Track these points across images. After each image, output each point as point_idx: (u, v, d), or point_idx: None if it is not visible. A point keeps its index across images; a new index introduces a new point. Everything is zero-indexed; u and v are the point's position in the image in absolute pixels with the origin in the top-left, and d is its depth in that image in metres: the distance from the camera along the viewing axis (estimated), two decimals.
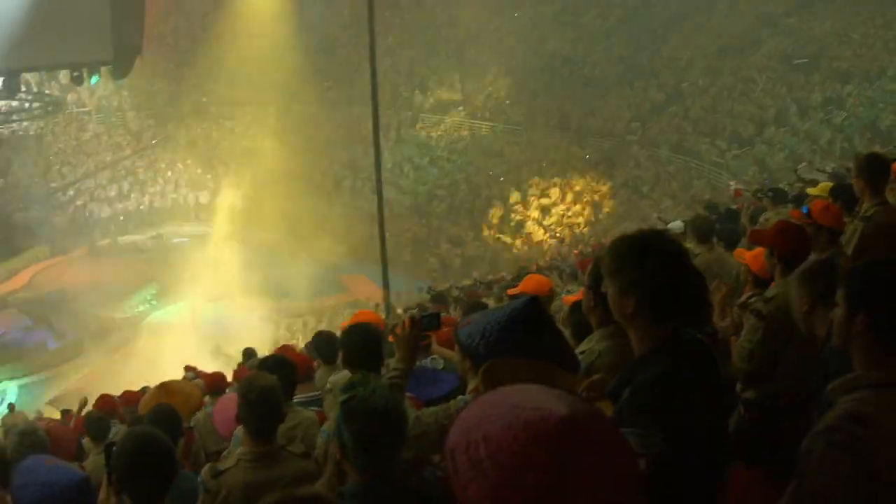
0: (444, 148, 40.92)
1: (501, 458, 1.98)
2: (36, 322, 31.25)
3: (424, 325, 4.59)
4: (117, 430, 8.48)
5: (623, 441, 2.11)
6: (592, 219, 34.37)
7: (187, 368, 15.16)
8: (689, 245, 9.70)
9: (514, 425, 2.01)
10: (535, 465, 1.95)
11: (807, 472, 2.83)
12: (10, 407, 23.59)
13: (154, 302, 32.83)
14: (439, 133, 42.06)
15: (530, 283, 7.78)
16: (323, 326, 22.77)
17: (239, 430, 5.47)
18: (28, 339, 29.86)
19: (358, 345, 5.38)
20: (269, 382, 4.98)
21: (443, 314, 6.60)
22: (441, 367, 5.31)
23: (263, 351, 16.86)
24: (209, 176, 43.56)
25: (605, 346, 4.49)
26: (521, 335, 3.93)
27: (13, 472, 4.49)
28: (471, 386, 4.99)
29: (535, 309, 4.04)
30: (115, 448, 3.97)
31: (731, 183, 26.44)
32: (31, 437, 5.68)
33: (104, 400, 11.19)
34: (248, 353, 13.63)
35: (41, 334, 30.48)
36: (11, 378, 27.62)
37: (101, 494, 4.03)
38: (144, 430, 4.11)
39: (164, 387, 8.27)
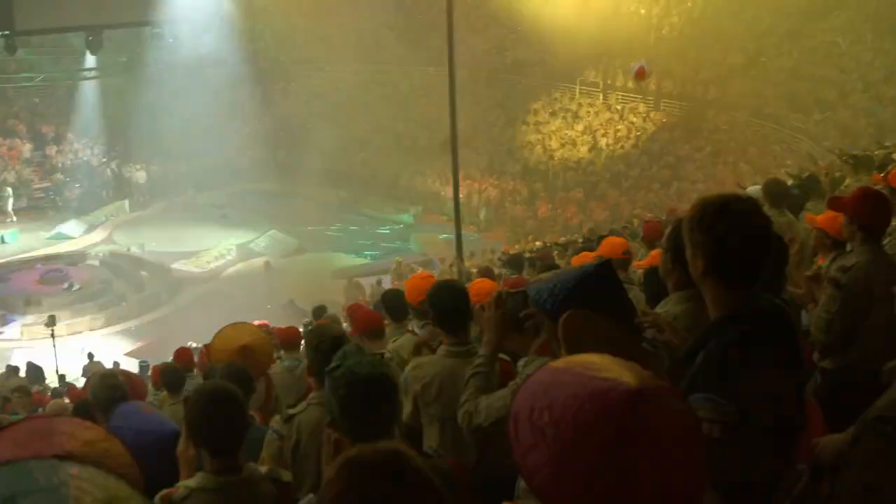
0: (519, 109, 40.57)
1: (564, 426, 1.96)
2: (115, 275, 31.73)
3: (510, 304, 4.56)
4: (193, 381, 8.62)
5: (692, 421, 2.08)
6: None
7: (261, 325, 15.31)
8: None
9: (580, 394, 1.99)
10: (597, 436, 1.93)
11: (856, 462, 2.72)
12: (90, 356, 24.18)
13: (230, 257, 33.16)
14: (516, 93, 41.70)
15: (606, 246, 7.75)
16: (393, 285, 22.86)
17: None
18: (107, 291, 30.31)
19: (447, 302, 5.36)
20: (338, 332, 5.05)
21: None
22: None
23: (335, 308, 17.03)
24: (283, 134, 43.81)
25: (681, 309, 4.42)
26: (590, 297, 3.92)
27: (111, 415, 4.59)
28: (534, 346, 5.01)
29: (605, 271, 4.02)
30: (190, 400, 4.02)
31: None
32: (110, 380, 5.79)
33: (181, 353, 11.34)
34: (320, 310, 13.72)
35: (120, 287, 30.96)
36: (91, 329, 28.15)
37: (181, 445, 4.11)
38: (217, 383, 4.16)
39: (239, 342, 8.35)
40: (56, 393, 18.17)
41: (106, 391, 5.62)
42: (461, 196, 24.83)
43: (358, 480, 1.97)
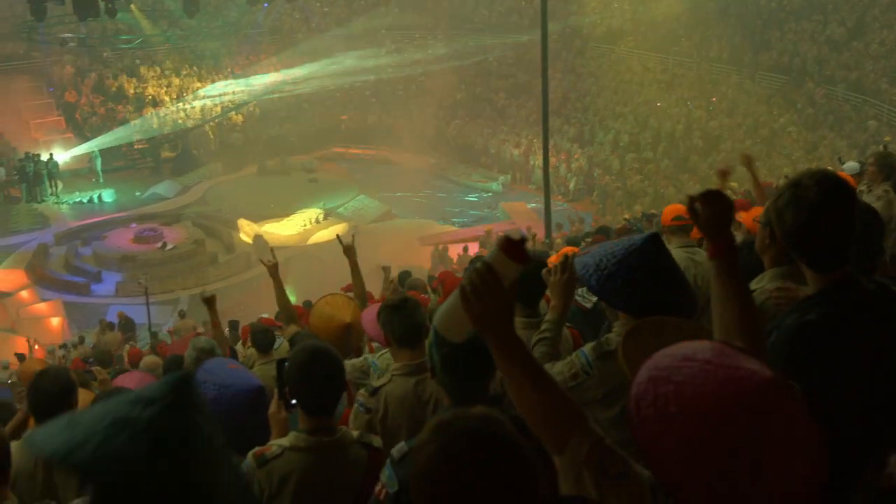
0: (611, 78, 40.09)
1: (695, 414, 1.96)
2: (207, 235, 32.22)
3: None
4: (280, 343, 8.72)
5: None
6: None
7: (347, 288, 15.37)
8: (862, 187, 9.27)
9: (710, 381, 1.98)
10: (732, 424, 1.92)
11: None
12: (181, 314, 24.69)
13: (320, 220, 33.45)
14: (608, 63, 41.21)
15: (665, 213, 7.51)
16: (482, 252, 22.86)
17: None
18: (199, 251, 30.80)
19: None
20: (414, 299, 5.08)
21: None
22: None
23: (421, 275, 17.08)
24: (374, 100, 44.00)
25: (775, 286, 4.24)
26: (636, 270, 3.87)
27: (199, 369, 4.71)
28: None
29: (653, 245, 3.96)
30: (287, 360, 4.08)
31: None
32: (201, 342, 5.92)
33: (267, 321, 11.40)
34: (405, 275, 13.74)
35: (212, 248, 31.44)
36: (183, 288, 28.67)
37: (273, 407, 4.19)
38: (317, 343, 4.20)
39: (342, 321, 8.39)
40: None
41: (200, 354, 5.78)
42: (550, 165, 24.68)
43: (449, 444, 1.98)
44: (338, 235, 8.49)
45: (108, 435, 1.76)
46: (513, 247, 2.46)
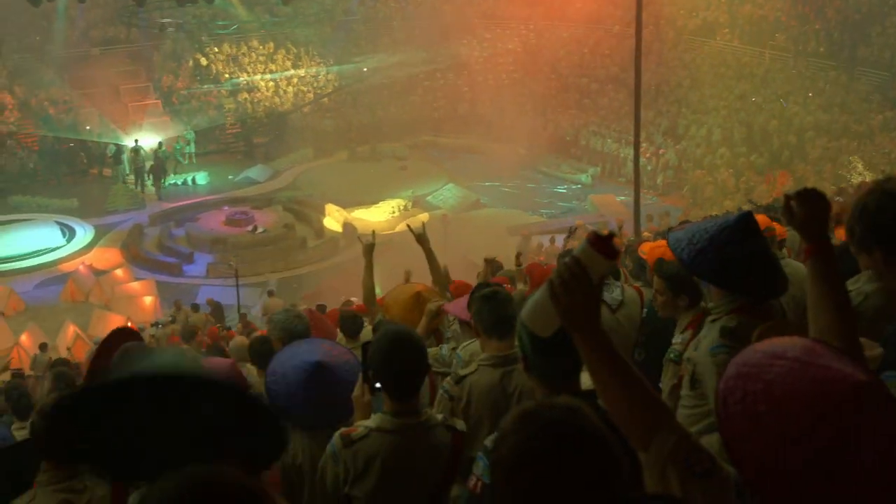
0: (706, 72, 39.47)
1: (784, 412, 1.94)
2: (297, 220, 32.58)
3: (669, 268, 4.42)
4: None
5: None
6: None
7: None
8: None
9: (799, 380, 1.96)
10: (821, 424, 1.90)
11: None
12: (270, 293, 25.07)
13: (408, 208, 33.60)
14: (702, 56, 40.58)
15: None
16: (569, 246, 22.73)
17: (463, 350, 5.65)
18: (289, 235, 31.15)
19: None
20: (505, 290, 5.10)
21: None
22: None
23: (508, 264, 17.06)
24: (466, 89, 44.01)
25: (872, 287, 4.26)
26: (728, 245, 3.86)
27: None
28: (683, 323, 4.97)
29: (746, 223, 3.94)
30: (371, 344, 4.13)
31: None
32: (295, 311, 6.01)
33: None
34: (492, 264, 13.71)
35: (301, 232, 31.79)
36: (272, 271, 29.06)
37: (357, 390, 4.24)
38: (400, 328, 4.26)
39: (412, 289, 8.43)
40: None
41: (294, 320, 5.88)
42: (641, 158, 24.44)
43: (534, 434, 1.98)
44: (408, 225, 8.51)
45: None
46: (601, 242, 2.48)
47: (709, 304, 4.31)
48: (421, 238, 8.05)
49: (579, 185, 36.56)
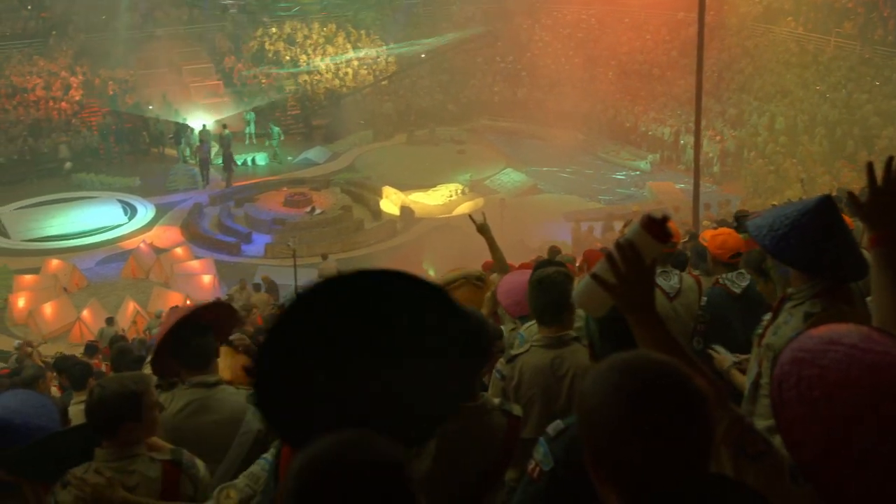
0: (769, 59, 38.90)
1: (839, 399, 1.92)
2: (355, 202, 32.71)
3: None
4: None
5: None
6: None
7: (487, 265, 15.43)
8: None
9: (855, 366, 1.94)
10: (877, 411, 1.88)
11: None
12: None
13: (465, 192, 33.62)
14: (766, 43, 40.00)
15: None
16: (622, 233, 22.62)
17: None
18: (346, 217, 31.28)
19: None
20: (559, 273, 5.10)
21: None
22: None
23: (565, 249, 17.05)
24: (524, 74, 43.87)
25: None
26: (809, 230, 3.83)
27: None
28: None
29: (826, 207, 3.91)
30: None
31: None
32: None
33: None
34: (553, 251, 13.73)
35: (359, 214, 31.91)
36: (329, 253, 29.25)
37: None
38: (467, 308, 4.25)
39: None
40: None
41: None
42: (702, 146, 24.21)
43: (633, 386, 1.92)
44: (469, 215, 8.51)
45: None
46: (655, 225, 2.48)
47: (788, 290, 4.27)
48: (482, 228, 8.05)
49: (638, 172, 36.31)
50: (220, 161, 35.11)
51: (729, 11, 41.37)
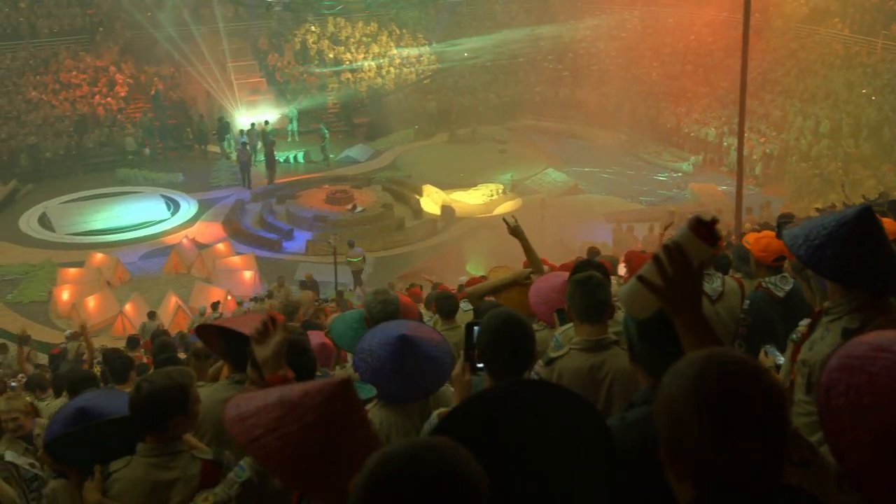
0: (814, 61, 38.50)
1: (889, 406, 1.91)
2: (396, 200, 32.78)
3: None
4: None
5: None
6: None
7: (525, 265, 15.39)
8: None
9: None
10: None
11: None
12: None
13: (507, 191, 33.60)
14: (811, 45, 39.59)
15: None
16: (667, 233, 22.49)
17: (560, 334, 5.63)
18: (387, 215, 31.35)
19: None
20: (599, 276, 5.08)
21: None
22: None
23: (605, 251, 16.98)
24: (567, 73, 43.76)
25: None
26: (846, 242, 3.77)
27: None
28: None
29: (866, 219, 3.85)
30: (478, 324, 4.14)
31: None
32: (383, 296, 6.08)
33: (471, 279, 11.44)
34: (593, 252, 13.67)
35: (400, 212, 31.96)
36: (369, 250, 29.32)
37: (457, 369, 4.26)
38: (509, 310, 4.24)
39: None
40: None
41: (378, 305, 5.94)
42: (745, 148, 23.99)
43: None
44: (503, 218, 8.48)
45: None
46: (703, 228, 2.46)
47: (825, 304, 4.20)
48: (515, 230, 8.03)
49: (680, 174, 36.08)
50: (262, 158, 35.27)
51: (774, 13, 41.00)
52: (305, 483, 1.85)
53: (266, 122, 36.85)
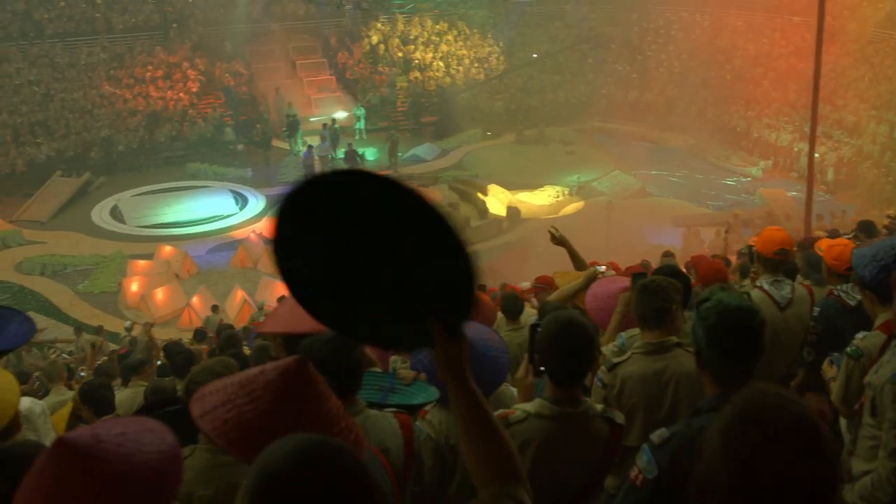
0: (889, 66, 37.72)
1: None
2: (461, 200, 32.76)
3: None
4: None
5: None
6: None
7: (610, 263, 15.31)
8: None
9: None
10: None
11: None
12: None
13: (571, 194, 33.46)
14: (887, 49, 38.82)
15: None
16: (735, 238, 22.26)
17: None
18: (453, 214, 31.21)
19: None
20: (664, 280, 5.05)
21: None
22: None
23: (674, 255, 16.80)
24: (635, 76, 43.44)
25: None
26: None
27: None
28: (877, 322, 4.72)
29: None
30: (539, 328, 4.12)
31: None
32: None
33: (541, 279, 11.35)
34: (667, 255, 13.58)
35: (465, 212, 31.92)
36: None
37: (520, 371, 4.25)
38: (571, 314, 4.21)
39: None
40: None
41: None
42: (816, 154, 23.62)
43: (769, 427, 1.89)
44: (549, 229, 8.45)
45: None
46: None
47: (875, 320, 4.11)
48: (561, 240, 8.04)
49: (749, 178, 35.62)
50: (341, 155, 35.40)
51: (848, 17, 40.25)
52: (253, 457, 1.86)
53: (333, 121, 37.05)
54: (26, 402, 6.34)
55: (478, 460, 2.36)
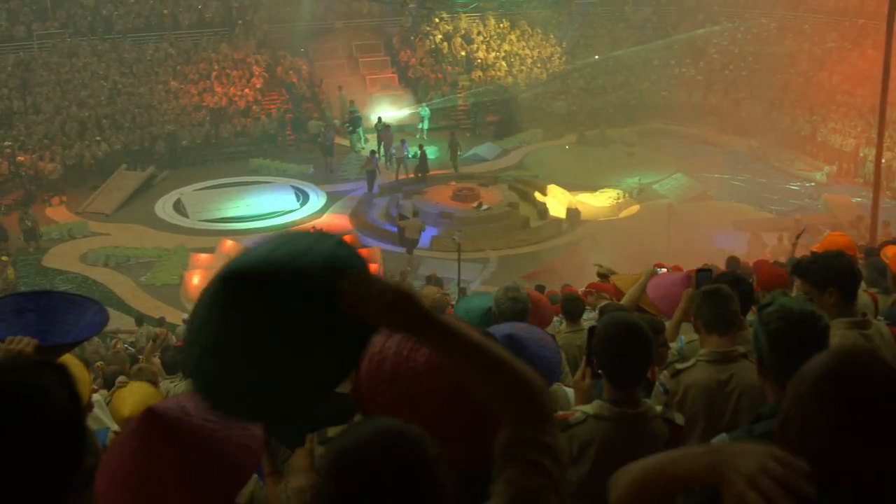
0: None
1: None
2: (521, 199, 32.74)
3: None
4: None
5: None
6: None
7: (657, 265, 15.24)
8: None
9: None
10: None
11: None
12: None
13: (631, 196, 33.26)
14: None
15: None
16: (799, 242, 21.95)
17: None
18: (512, 214, 31.32)
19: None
20: (728, 287, 5.03)
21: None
22: None
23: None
24: (700, 78, 43.06)
25: None
26: None
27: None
28: None
29: None
30: (597, 331, 4.14)
31: None
32: (513, 293, 6.08)
33: (592, 286, 11.34)
34: (732, 262, 13.46)
35: (525, 211, 31.91)
36: (493, 248, 29.36)
37: (578, 374, 4.28)
38: (629, 316, 4.24)
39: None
40: None
41: (508, 302, 5.96)
42: (883, 160, 23.24)
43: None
44: (594, 263, 8.49)
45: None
46: None
47: None
48: (607, 273, 8.09)
49: (813, 183, 35.12)
50: (417, 152, 35.42)
51: None
52: None
53: (379, 119, 37.19)
54: None
55: (495, 398, 2.17)
